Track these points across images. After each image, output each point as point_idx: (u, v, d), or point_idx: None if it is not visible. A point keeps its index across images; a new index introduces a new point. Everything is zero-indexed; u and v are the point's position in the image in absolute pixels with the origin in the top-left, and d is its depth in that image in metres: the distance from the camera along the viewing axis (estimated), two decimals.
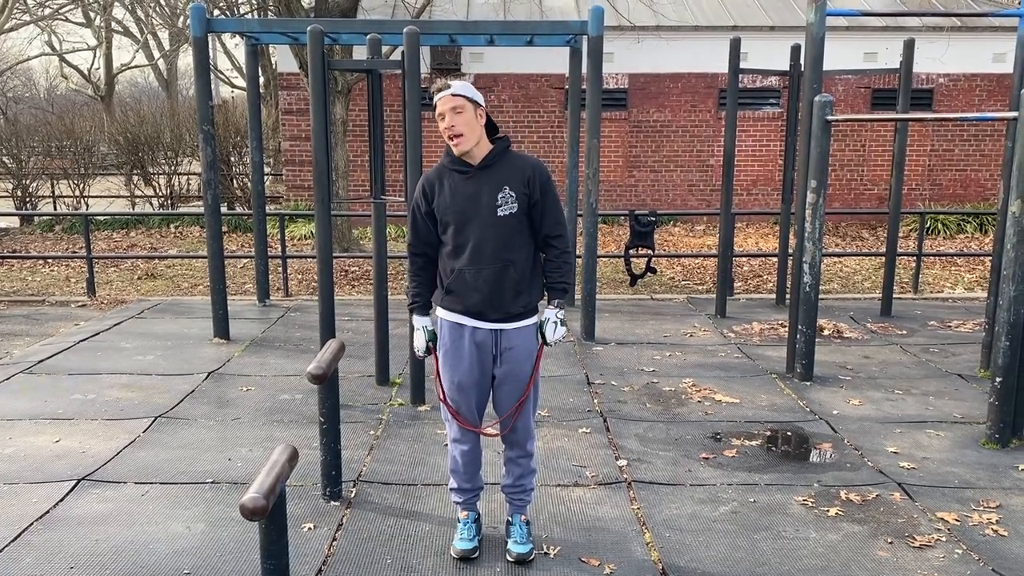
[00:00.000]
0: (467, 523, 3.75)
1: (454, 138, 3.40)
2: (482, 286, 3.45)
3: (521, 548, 3.65)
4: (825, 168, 6.02)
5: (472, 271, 3.45)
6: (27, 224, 15.78)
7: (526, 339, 3.56)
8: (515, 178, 3.46)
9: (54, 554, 3.70)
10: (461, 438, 3.66)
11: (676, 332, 7.79)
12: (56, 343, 7.35)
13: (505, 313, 3.49)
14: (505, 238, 3.44)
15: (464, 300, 3.49)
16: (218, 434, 5.18)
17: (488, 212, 3.42)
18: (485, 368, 3.56)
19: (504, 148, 3.51)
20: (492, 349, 3.53)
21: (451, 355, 3.57)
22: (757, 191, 15.81)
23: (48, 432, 5.19)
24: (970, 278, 10.94)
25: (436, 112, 3.42)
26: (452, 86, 3.41)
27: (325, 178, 5.81)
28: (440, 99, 3.40)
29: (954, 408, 5.71)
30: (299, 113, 15.23)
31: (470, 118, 3.40)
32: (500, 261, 3.44)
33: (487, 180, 3.45)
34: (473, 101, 3.42)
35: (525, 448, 3.69)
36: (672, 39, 15.09)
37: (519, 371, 3.56)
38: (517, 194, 3.44)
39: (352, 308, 8.71)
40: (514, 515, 3.74)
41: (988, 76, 15.41)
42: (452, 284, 3.50)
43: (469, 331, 3.52)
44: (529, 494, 3.77)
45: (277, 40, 8.75)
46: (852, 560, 3.70)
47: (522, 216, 3.47)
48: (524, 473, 3.72)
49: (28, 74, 43.75)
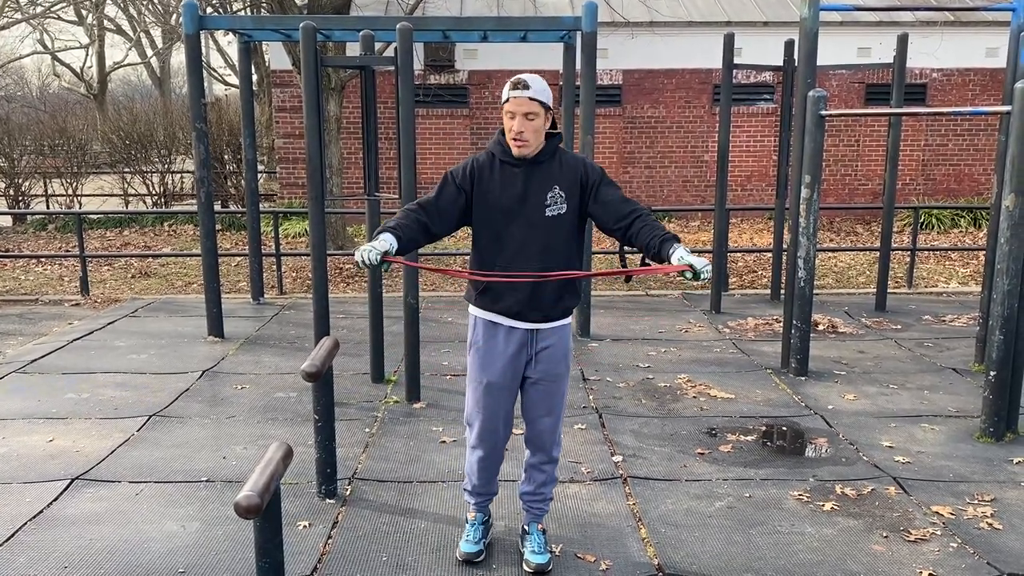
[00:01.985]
0: (475, 524, 3.65)
1: (518, 142, 3.24)
2: (521, 286, 3.30)
3: (540, 558, 3.54)
4: (819, 163, 6.02)
5: (513, 270, 3.31)
6: (20, 223, 15.72)
7: (562, 337, 3.46)
8: (566, 178, 3.33)
9: (48, 554, 3.69)
10: (482, 444, 3.53)
11: (671, 328, 7.80)
12: (50, 342, 7.33)
13: (544, 316, 3.38)
14: (550, 239, 3.32)
15: (502, 300, 3.35)
16: (213, 432, 5.16)
17: (535, 211, 3.29)
18: (517, 370, 3.44)
19: (556, 146, 3.38)
20: (528, 350, 3.41)
21: (484, 355, 3.44)
22: (751, 187, 15.82)
23: (42, 431, 5.17)
24: (964, 272, 10.96)
25: (507, 108, 3.24)
26: (531, 87, 3.20)
27: (319, 175, 5.80)
28: (516, 98, 3.21)
29: (948, 402, 5.72)
30: (292, 110, 15.19)
31: (539, 125, 3.25)
32: (544, 261, 3.31)
33: (537, 178, 3.31)
34: (547, 107, 3.25)
35: (551, 454, 3.58)
36: (666, 35, 15.09)
37: (554, 371, 3.45)
38: (567, 195, 3.32)
39: (346, 306, 8.69)
40: (531, 524, 3.64)
41: (981, 71, 15.44)
42: (490, 282, 3.35)
43: (505, 331, 3.39)
44: (548, 503, 3.68)
45: (270, 37, 8.72)
46: (848, 554, 3.70)
47: (570, 217, 3.34)
48: (547, 481, 3.62)
49: (20, 72, 43.57)
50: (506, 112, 3.26)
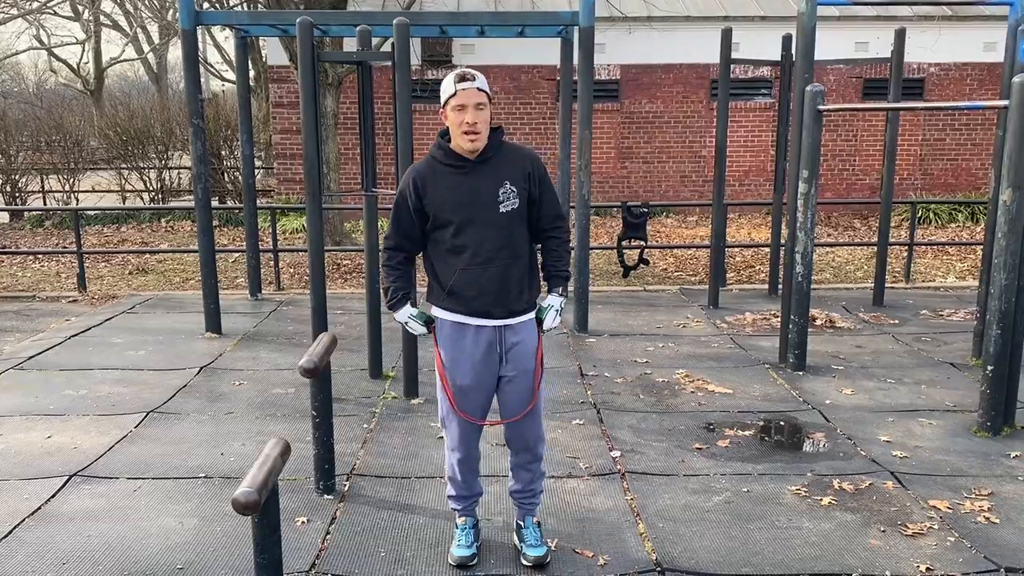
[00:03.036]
0: (465, 528, 3.65)
1: (472, 135, 3.25)
2: (487, 285, 3.32)
3: (537, 551, 3.55)
4: (817, 158, 6.02)
5: (476, 270, 3.32)
6: (17, 219, 15.70)
7: (530, 333, 3.48)
8: (515, 172, 3.34)
9: (46, 550, 3.69)
10: (458, 447, 3.55)
11: (669, 323, 7.80)
12: (47, 339, 7.32)
13: (510, 311, 3.39)
14: (509, 235, 3.34)
15: (469, 301, 3.35)
16: (210, 429, 5.16)
17: (490, 208, 3.30)
18: (491, 368, 3.44)
19: (499, 140, 3.39)
20: (498, 347, 3.42)
21: (453, 358, 3.44)
22: (749, 181, 15.82)
23: (39, 428, 5.16)
24: (962, 267, 10.97)
25: (454, 102, 3.24)
26: (476, 79, 3.25)
27: (316, 171, 5.79)
28: (464, 90, 3.22)
29: (946, 397, 5.72)
30: (290, 106, 15.17)
31: (488, 116, 3.28)
32: (505, 258, 3.33)
33: (487, 175, 3.32)
34: (491, 99, 3.32)
35: (535, 451, 3.59)
36: (664, 30, 15.07)
37: (525, 365, 3.46)
38: (518, 189, 3.34)
39: (344, 302, 8.68)
40: (525, 518, 3.65)
41: (979, 65, 15.44)
42: (455, 285, 3.35)
43: (473, 331, 3.40)
44: (540, 496, 3.69)
45: (267, 32, 8.71)
46: (845, 548, 3.70)
47: (523, 211, 3.37)
48: (535, 478, 3.63)
49: (17, 69, 43.48)
50: (454, 107, 3.25)
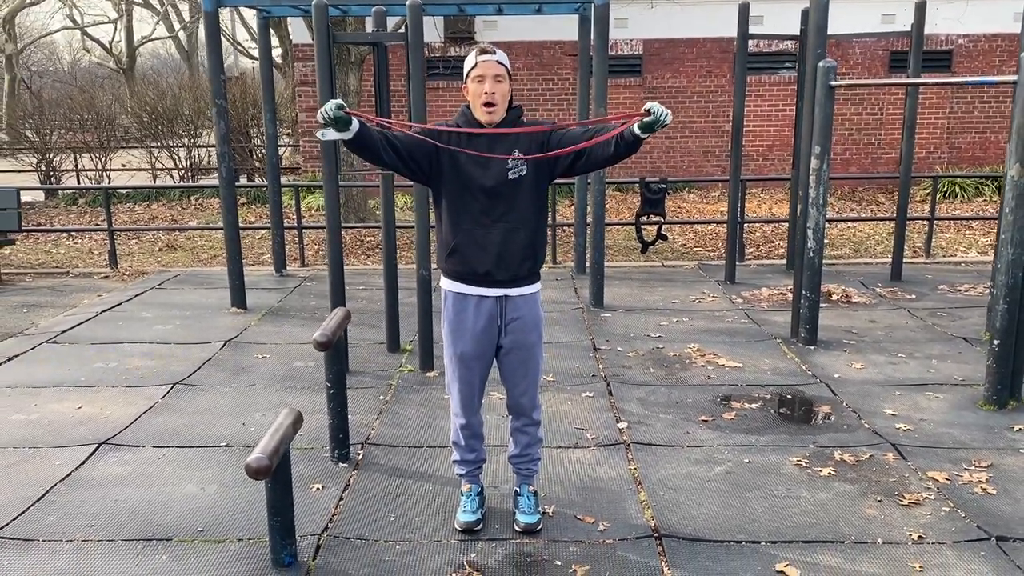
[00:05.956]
0: (470, 496, 3.79)
1: (491, 105, 3.36)
2: (490, 246, 3.42)
3: (529, 519, 3.69)
4: (828, 134, 6.04)
5: (481, 231, 3.42)
6: (51, 198, 16.07)
7: (532, 308, 3.58)
8: (526, 141, 3.43)
9: (76, 513, 3.90)
10: (460, 412, 3.69)
11: (685, 298, 7.88)
12: (79, 314, 7.57)
13: (512, 276, 3.48)
14: (515, 200, 3.43)
15: (471, 261, 3.45)
16: (233, 400, 5.36)
17: (499, 175, 3.40)
18: (491, 341, 3.56)
19: (517, 115, 3.49)
20: (498, 320, 3.54)
21: (455, 327, 3.57)
22: (773, 156, 15.74)
23: (71, 399, 5.40)
24: (984, 241, 10.89)
25: (475, 73, 3.36)
26: (496, 53, 3.39)
27: (333, 151, 5.92)
28: (484, 62, 3.35)
29: (956, 371, 5.77)
30: (314, 84, 15.23)
31: (506, 90, 3.39)
32: (511, 222, 3.43)
33: (499, 141, 3.42)
34: (510, 74, 3.44)
35: (531, 416, 3.73)
36: (686, 3, 14.97)
37: (525, 340, 3.58)
38: (529, 159, 3.42)
39: (367, 277, 8.86)
40: (522, 485, 3.80)
41: (1010, 36, 15.17)
42: (459, 243, 3.45)
43: (475, 301, 3.51)
44: (536, 463, 3.82)
45: (287, 12, 8.81)
46: (840, 517, 3.81)
47: (531, 178, 3.45)
48: (531, 442, 3.76)
49: (52, 48, 44.06)
50: (474, 78, 3.38)
